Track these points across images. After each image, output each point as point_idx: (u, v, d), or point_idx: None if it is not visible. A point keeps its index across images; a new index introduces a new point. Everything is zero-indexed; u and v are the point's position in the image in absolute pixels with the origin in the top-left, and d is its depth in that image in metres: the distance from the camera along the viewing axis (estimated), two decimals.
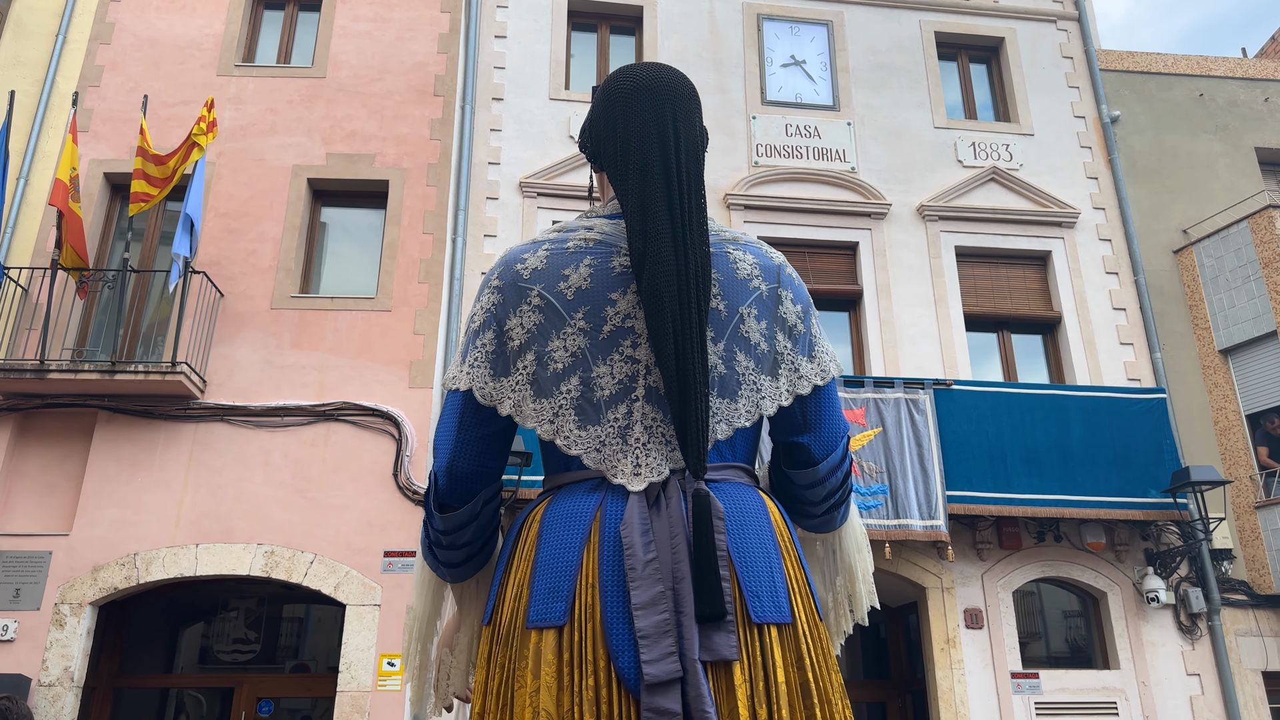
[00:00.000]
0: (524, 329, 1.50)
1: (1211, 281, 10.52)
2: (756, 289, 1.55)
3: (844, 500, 1.65)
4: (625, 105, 1.57)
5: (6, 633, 8.10)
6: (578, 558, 1.39)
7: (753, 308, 1.53)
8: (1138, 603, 9.33)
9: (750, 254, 1.58)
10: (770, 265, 1.59)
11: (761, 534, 1.44)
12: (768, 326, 1.54)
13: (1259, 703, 9.16)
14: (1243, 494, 9.75)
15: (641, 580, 1.32)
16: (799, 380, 1.56)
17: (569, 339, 1.48)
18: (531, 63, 10.86)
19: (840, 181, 10.69)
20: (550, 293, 1.50)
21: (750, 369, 1.52)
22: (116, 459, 8.69)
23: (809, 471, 1.59)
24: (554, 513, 1.46)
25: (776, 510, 1.52)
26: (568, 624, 1.35)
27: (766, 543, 1.44)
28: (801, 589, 1.45)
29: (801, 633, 1.39)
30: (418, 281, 9.58)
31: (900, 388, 9.20)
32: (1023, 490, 9.03)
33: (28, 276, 9.16)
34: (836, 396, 1.62)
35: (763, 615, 1.36)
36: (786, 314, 1.57)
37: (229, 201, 9.75)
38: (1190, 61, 12.11)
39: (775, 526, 1.48)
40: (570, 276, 1.50)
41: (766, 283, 1.56)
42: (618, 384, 1.47)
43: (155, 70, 10.32)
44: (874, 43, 11.61)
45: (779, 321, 1.56)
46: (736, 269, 1.54)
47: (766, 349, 1.54)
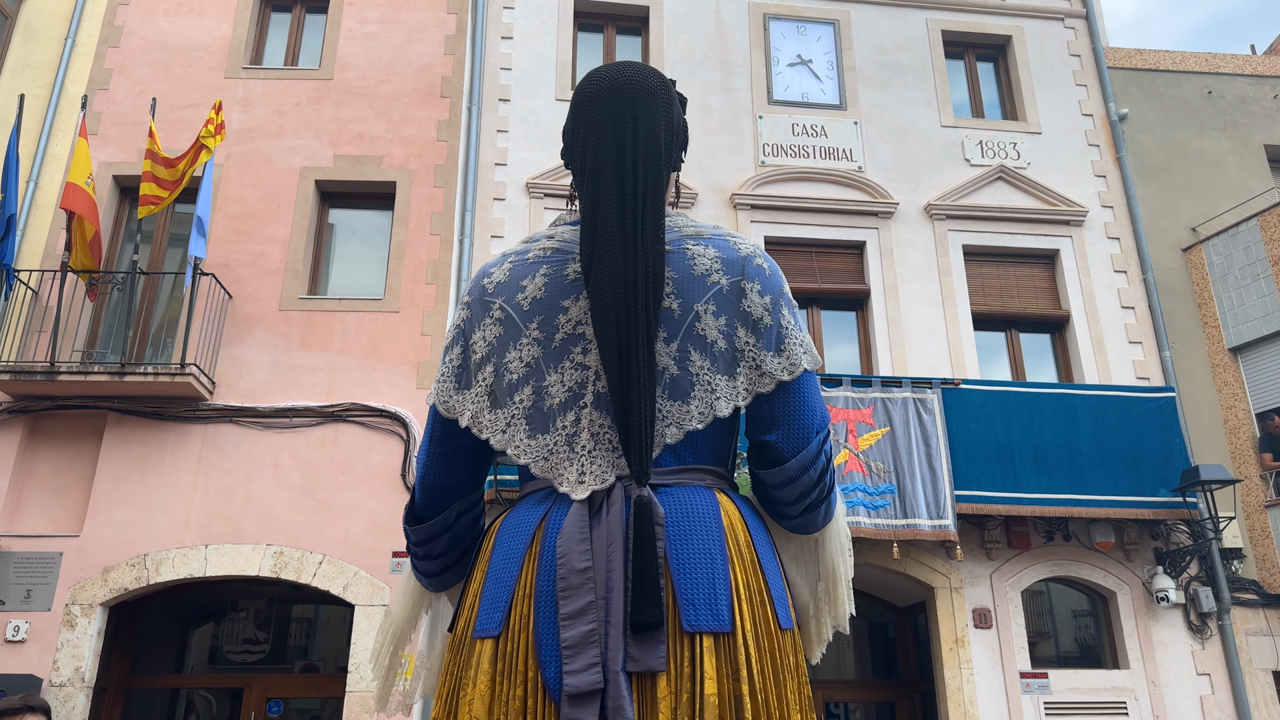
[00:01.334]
0: (485, 342, 1.51)
1: (1221, 279, 10.48)
2: (716, 284, 1.47)
3: (822, 500, 1.52)
4: (587, 107, 1.55)
5: (18, 633, 8.14)
6: (519, 568, 1.39)
7: (710, 304, 1.46)
8: (1147, 602, 9.30)
9: (712, 248, 1.51)
10: (734, 258, 1.50)
11: (707, 539, 1.37)
12: (727, 323, 1.47)
13: (1270, 702, 9.12)
14: (1253, 493, 9.71)
15: (572, 590, 1.31)
16: (760, 378, 1.47)
17: (524, 349, 1.48)
18: (538, 64, 10.87)
19: (847, 181, 10.67)
20: (509, 304, 1.50)
21: (705, 368, 1.45)
22: (126, 460, 8.73)
23: (777, 470, 1.49)
24: (506, 523, 1.47)
25: (737, 513, 1.44)
26: (503, 634, 1.35)
27: (711, 548, 1.36)
28: (754, 596, 1.37)
29: (742, 643, 1.31)
30: (425, 283, 9.60)
31: (908, 387, 9.19)
32: (1031, 490, 9.00)
33: (38, 279, 9.21)
34: (810, 391, 1.51)
35: (697, 624, 1.30)
36: (751, 307, 1.48)
37: (237, 204, 9.79)
38: (1198, 59, 12.06)
39: (726, 531, 1.40)
40: (527, 287, 1.50)
41: (728, 276, 1.49)
42: (568, 391, 1.45)
43: (164, 73, 10.36)
44: (881, 41, 11.59)
45: (741, 316, 1.48)
46: (694, 265, 1.48)
47: (725, 346, 1.46)
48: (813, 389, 1.51)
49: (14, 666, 8.04)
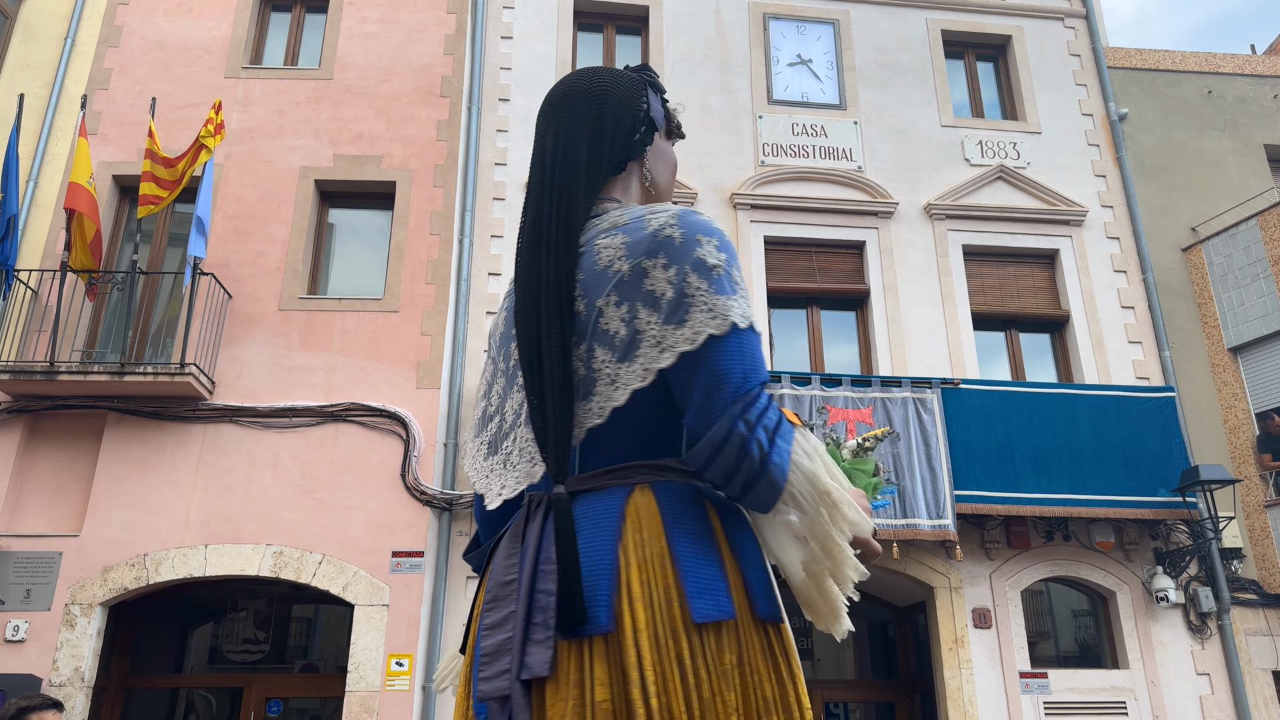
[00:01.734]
0: (485, 379, 1.60)
1: (1220, 279, 10.48)
2: (618, 272, 1.38)
3: (758, 475, 1.29)
4: (537, 122, 1.61)
5: (17, 633, 8.14)
6: (478, 588, 1.47)
7: (612, 294, 1.38)
8: (1147, 602, 9.30)
9: (620, 235, 1.41)
10: (639, 239, 1.39)
11: (594, 539, 1.30)
12: (629, 309, 1.36)
13: (1269, 702, 9.12)
14: (1252, 493, 9.71)
15: (496, 602, 1.33)
16: (660, 354, 1.33)
17: (497, 380, 1.52)
18: (538, 64, 10.87)
19: (847, 180, 10.67)
20: (492, 340, 1.58)
21: (608, 361, 1.36)
22: (126, 460, 8.73)
23: (690, 455, 1.33)
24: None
25: (650, 509, 1.33)
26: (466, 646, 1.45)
27: (601, 548, 1.30)
28: (655, 594, 1.26)
29: (632, 643, 1.22)
30: (425, 282, 9.59)
31: (908, 387, 9.19)
32: (1031, 489, 9.00)
33: (37, 279, 9.21)
34: (723, 359, 1.32)
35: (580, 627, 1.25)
36: (654, 284, 1.36)
37: (237, 203, 9.79)
38: (1198, 58, 12.06)
39: (626, 531, 1.30)
40: (498, 320, 1.58)
41: (630, 260, 1.38)
42: (514, 415, 1.46)
43: (163, 73, 10.36)
44: (880, 41, 11.59)
45: (643, 297, 1.36)
46: (598, 260, 1.40)
47: (626, 333, 1.36)
48: (728, 354, 1.32)
49: (14, 666, 8.04)
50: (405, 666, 8.19)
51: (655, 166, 1.63)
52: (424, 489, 8.78)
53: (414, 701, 8.17)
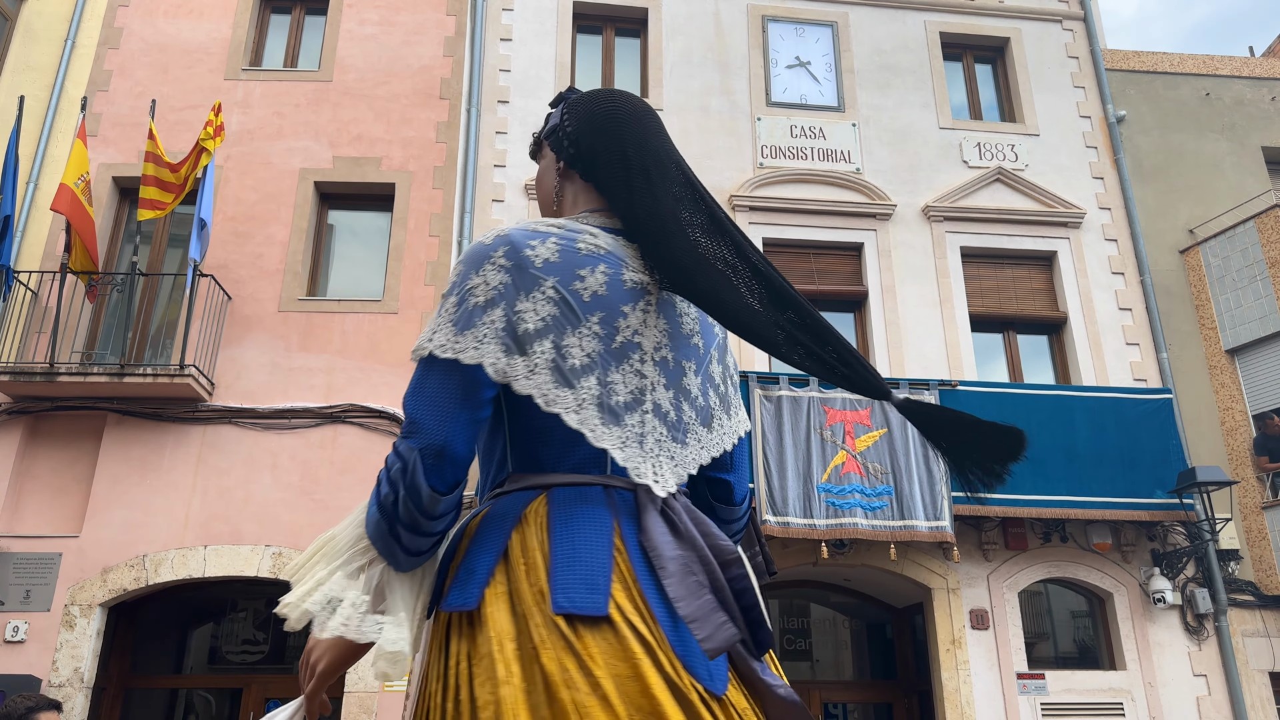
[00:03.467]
0: (538, 315, 1.44)
1: (1218, 281, 10.50)
2: (718, 334, 1.65)
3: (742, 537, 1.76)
4: (636, 127, 1.60)
5: (17, 634, 8.17)
6: (609, 556, 1.37)
7: (716, 351, 1.63)
8: (1144, 603, 9.32)
9: None
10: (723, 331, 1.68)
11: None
12: (723, 370, 1.65)
13: (1266, 703, 9.14)
14: (1249, 494, 9.73)
15: (673, 576, 1.36)
16: (739, 424, 1.66)
17: (585, 340, 1.46)
18: (537, 66, 10.89)
19: (845, 182, 10.70)
20: (566, 289, 1.46)
21: (716, 405, 1.61)
22: (125, 461, 8.75)
23: (733, 508, 1.70)
24: (562, 513, 1.42)
25: None
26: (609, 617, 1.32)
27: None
28: None
29: None
30: (424, 284, 9.62)
31: (906, 388, 9.20)
32: (1028, 491, 9.01)
33: (37, 280, 9.23)
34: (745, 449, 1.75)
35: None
36: (729, 364, 1.68)
37: (236, 205, 9.81)
38: (1196, 61, 12.08)
39: None
40: (586, 279, 1.48)
41: (719, 332, 1.66)
42: (630, 394, 1.48)
43: (163, 74, 10.38)
44: (879, 43, 11.61)
45: (725, 367, 1.67)
46: (706, 317, 1.62)
47: (724, 390, 1.64)
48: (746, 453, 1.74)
49: (13, 667, 8.06)
50: None
51: None
52: None
53: (412, 701, 8.19)
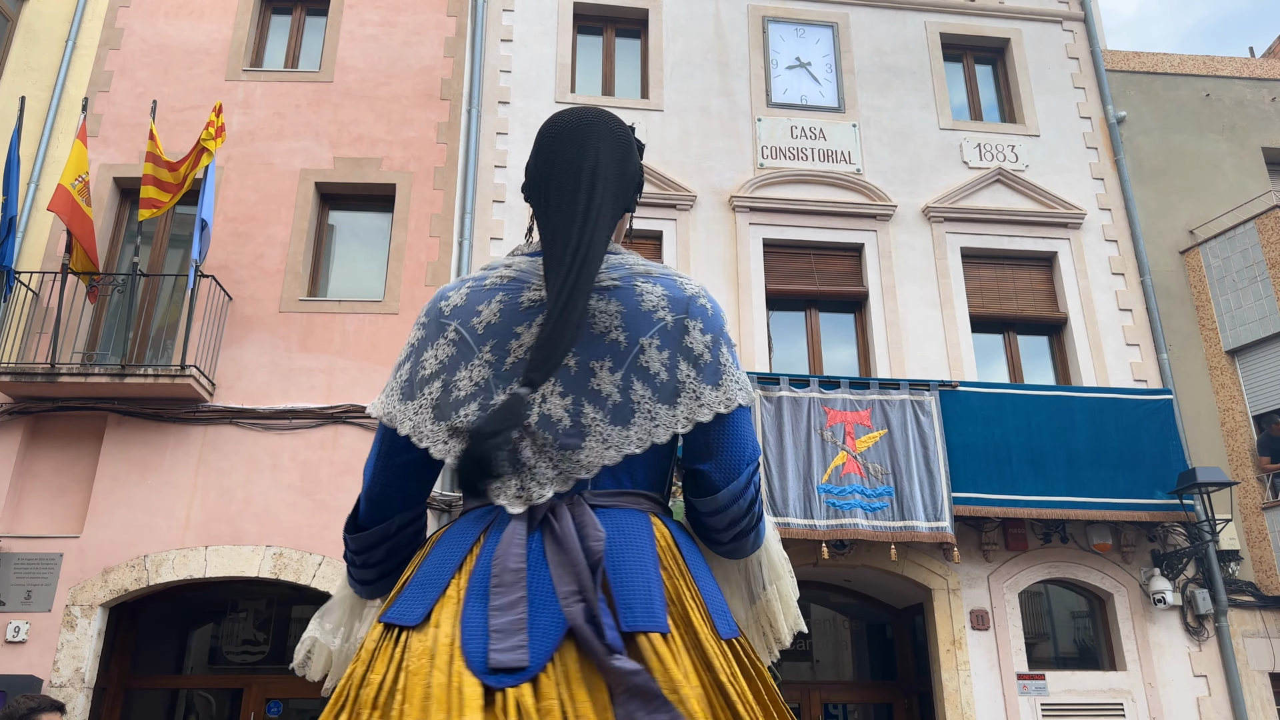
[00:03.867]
0: (436, 360, 1.56)
1: (1218, 282, 10.50)
2: (661, 320, 1.56)
3: (750, 529, 1.60)
4: (552, 144, 1.65)
5: (18, 634, 8.17)
6: (452, 573, 1.44)
7: (655, 338, 1.55)
8: (1144, 604, 9.32)
9: (660, 286, 1.60)
10: (680, 296, 1.59)
11: (641, 556, 1.46)
12: (670, 356, 1.55)
13: (1266, 704, 9.15)
14: (1249, 495, 9.73)
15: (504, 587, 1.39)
16: (699, 408, 1.54)
17: (474, 369, 1.53)
18: (537, 66, 10.90)
19: (846, 183, 10.70)
20: (464, 328, 1.56)
21: (647, 397, 1.53)
22: (126, 461, 8.76)
23: (710, 499, 1.57)
24: (447, 534, 1.52)
25: (669, 536, 1.52)
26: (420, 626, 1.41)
27: (646, 563, 1.45)
28: (690, 606, 1.43)
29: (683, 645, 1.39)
30: (425, 284, 9.62)
31: (906, 389, 9.21)
32: (1028, 491, 9.03)
33: (38, 281, 9.24)
34: (744, 425, 1.58)
35: (634, 624, 1.37)
36: (693, 344, 1.57)
37: (237, 205, 9.82)
38: (1197, 61, 12.09)
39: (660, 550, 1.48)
40: (483, 312, 1.57)
41: (673, 314, 1.57)
42: None
43: (164, 75, 10.39)
44: (879, 44, 11.62)
45: (683, 351, 1.56)
46: (642, 301, 1.57)
47: (667, 378, 1.54)
48: (746, 423, 1.59)
49: (14, 667, 8.07)
50: None
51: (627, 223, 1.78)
52: None
53: None
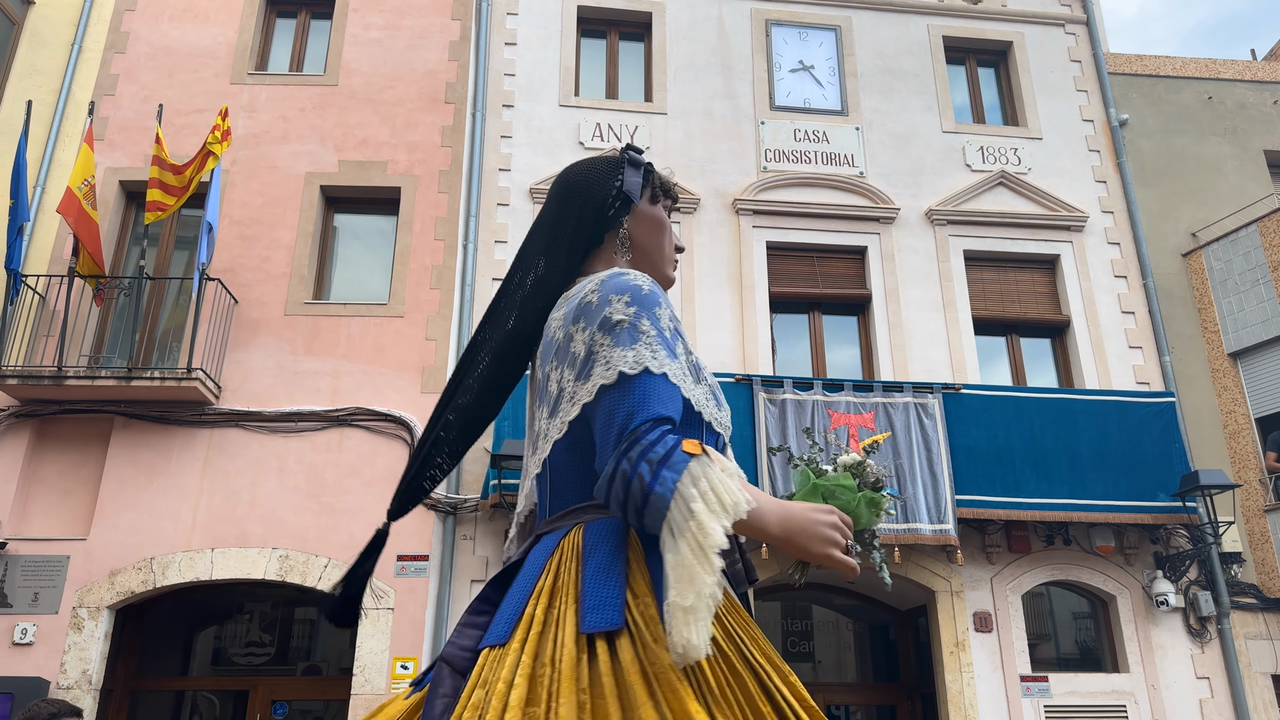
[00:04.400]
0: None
1: (1220, 285, 10.53)
2: (556, 340, 1.58)
3: (642, 505, 1.35)
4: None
5: (25, 636, 8.20)
6: None
7: (553, 360, 1.58)
8: (1147, 606, 9.35)
9: (564, 308, 1.61)
10: (572, 308, 1.57)
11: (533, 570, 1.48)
12: (560, 371, 1.55)
13: (1269, 706, 9.17)
14: (1252, 497, 9.76)
15: None
16: (572, 408, 1.50)
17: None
18: (541, 70, 10.93)
19: (849, 186, 10.73)
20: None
21: (544, 418, 1.58)
22: (133, 464, 8.79)
23: (595, 491, 1.43)
24: None
25: (574, 543, 1.47)
26: None
27: (530, 579, 1.47)
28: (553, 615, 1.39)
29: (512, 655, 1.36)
30: (429, 287, 9.66)
31: (909, 392, 9.24)
32: (1031, 494, 9.06)
33: (44, 284, 9.27)
34: (612, 404, 1.43)
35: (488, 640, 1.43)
36: (576, 347, 1.52)
37: (243, 209, 9.85)
38: (1198, 64, 12.12)
39: (550, 562, 1.47)
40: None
41: (564, 328, 1.56)
42: None
43: (169, 79, 10.43)
44: (882, 47, 11.65)
45: (569, 360, 1.53)
46: (549, 331, 1.62)
47: (555, 391, 1.56)
48: (616, 400, 1.43)
49: (22, 669, 8.10)
50: (410, 670, 8.25)
51: (635, 231, 1.80)
52: None
53: None
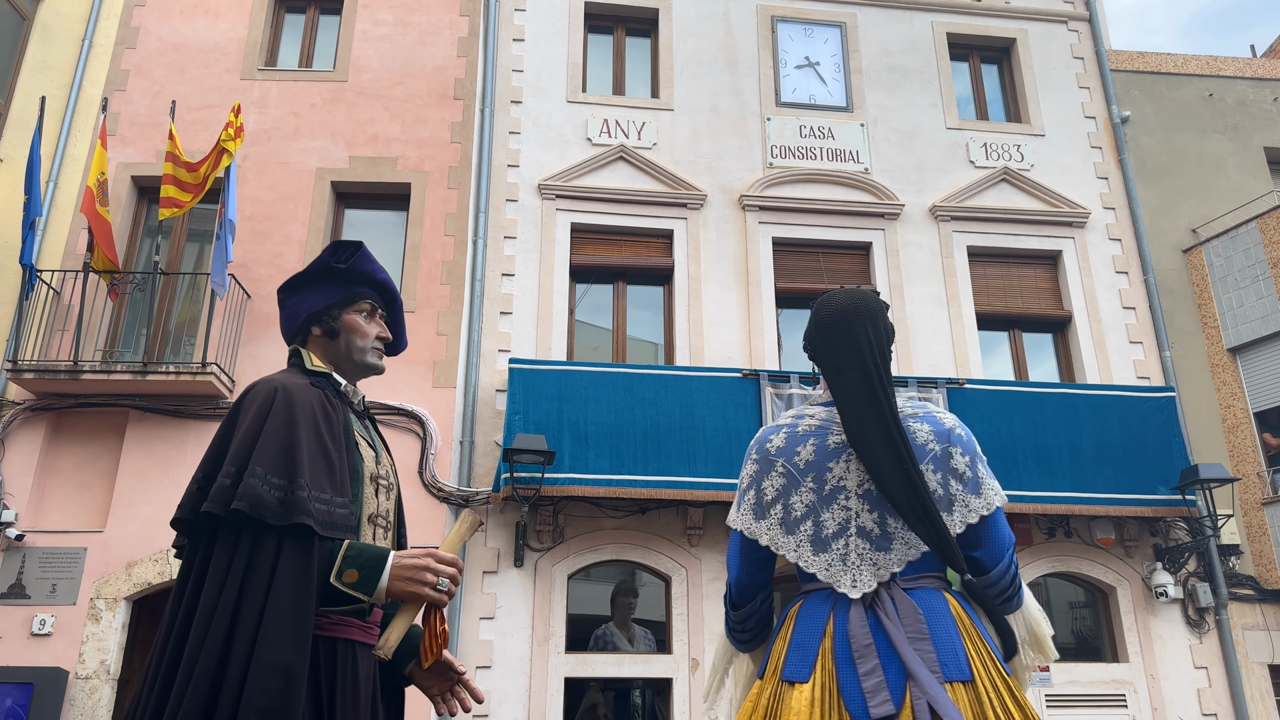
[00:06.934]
0: (774, 489, 2.30)
1: (1220, 281, 10.66)
2: (931, 450, 2.24)
3: (1015, 593, 2.27)
4: (831, 324, 2.34)
5: (44, 626, 8.33)
6: (819, 640, 2.15)
7: (929, 464, 2.23)
8: (1146, 597, 9.51)
9: (926, 424, 2.28)
10: (942, 430, 2.27)
11: (946, 622, 2.12)
12: (943, 476, 2.22)
13: (1265, 695, 9.35)
14: (1250, 491, 9.92)
15: (862, 657, 2.06)
16: (968, 513, 2.22)
17: (803, 495, 2.27)
18: (549, 65, 11.01)
19: (853, 182, 10.84)
20: (789, 463, 2.30)
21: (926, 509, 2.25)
22: (149, 457, 8.90)
23: (985, 577, 2.25)
24: (803, 610, 2.24)
25: (958, 605, 2.17)
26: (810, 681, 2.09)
27: (950, 628, 2.11)
28: (984, 658, 2.08)
29: (983, 688, 2.02)
30: (440, 283, 9.76)
31: (913, 386, 9.37)
32: (1033, 487, 9.19)
33: (59, 279, 9.36)
34: (1001, 521, 2.25)
35: (949, 676, 2.03)
36: (957, 465, 2.23)
37: (254, 205, 9.94)
38: (1200, 61, 12.23)
39: (955, 616, 2.13)
40: (801, 452, 2.30)
41: (939, 444, 2.25)
42: (837, 525, 2.22)
43: (180, 74, 10.49)
44: (887, 44, 11.74)
45: (951, 471, 2.22)
46: (915, 437, 2.25)
47: (942, 493, 2.21)
48: (1002, 520, 2.26)
49: (41, 659, 8.23)
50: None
51: None
52: (441, 486, 8.97)
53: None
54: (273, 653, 1.82)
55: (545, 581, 8.83)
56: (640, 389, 9.03)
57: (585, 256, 10.22)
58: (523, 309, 9.79)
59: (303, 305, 2.38)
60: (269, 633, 1.84)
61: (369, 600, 2.03)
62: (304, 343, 2.38)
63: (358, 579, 2.00)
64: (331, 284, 2.38)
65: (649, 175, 10.49)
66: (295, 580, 1.91)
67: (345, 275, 2.39)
